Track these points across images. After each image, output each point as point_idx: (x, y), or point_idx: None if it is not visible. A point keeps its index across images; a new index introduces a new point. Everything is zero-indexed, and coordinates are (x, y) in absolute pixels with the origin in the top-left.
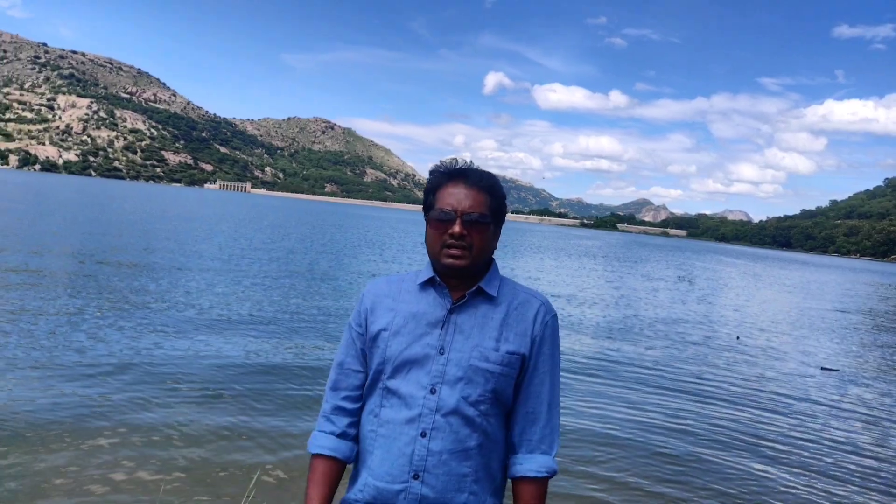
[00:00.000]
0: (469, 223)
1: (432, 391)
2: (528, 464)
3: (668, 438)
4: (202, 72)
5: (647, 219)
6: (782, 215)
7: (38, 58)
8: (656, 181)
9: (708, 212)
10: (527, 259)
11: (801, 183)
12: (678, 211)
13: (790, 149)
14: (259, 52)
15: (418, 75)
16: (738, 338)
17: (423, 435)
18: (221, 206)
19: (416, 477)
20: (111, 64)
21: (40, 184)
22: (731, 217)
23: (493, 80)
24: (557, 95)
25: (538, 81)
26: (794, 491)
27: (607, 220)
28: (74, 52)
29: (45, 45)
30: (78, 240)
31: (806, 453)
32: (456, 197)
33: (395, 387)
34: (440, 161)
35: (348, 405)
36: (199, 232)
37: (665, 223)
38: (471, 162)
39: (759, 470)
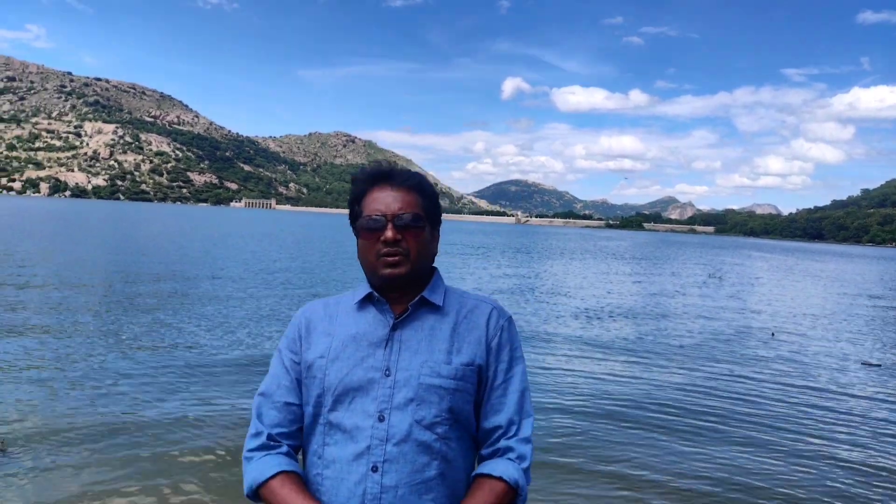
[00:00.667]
0: (402, 227)
1: (380, 419)
2: (492, 465)
3: (701, 437)
4: (223, 92)
5: (673, 217)
6: (812, 207)
7: (64, 86)
8: (681, 178)
9: (735, 207)
10: (553, 263)
11: (830, 173)
12: (705, 207)
13: (817, 139)
14: (277, 70)
15: (436, 85)
16: (772, 334)
17: (375, 469)
18: (251, 223)
19: None
20: (134, 89)
21: (72, 211)
22: (759, 211)
23: (510, 85)
24: (577, 97)
25: (556, 84)
26: (835, 486)
27: (633, 219)
28: (98, 80)
29: (69, 73)
30: (131, 265)
31: (845, 448)
32: (383, 201)
33: (338, 420)
34: (361, 168)
35: (283, 439)
36: (255, 251)
37: (692, 220)
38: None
39: (801, 467)
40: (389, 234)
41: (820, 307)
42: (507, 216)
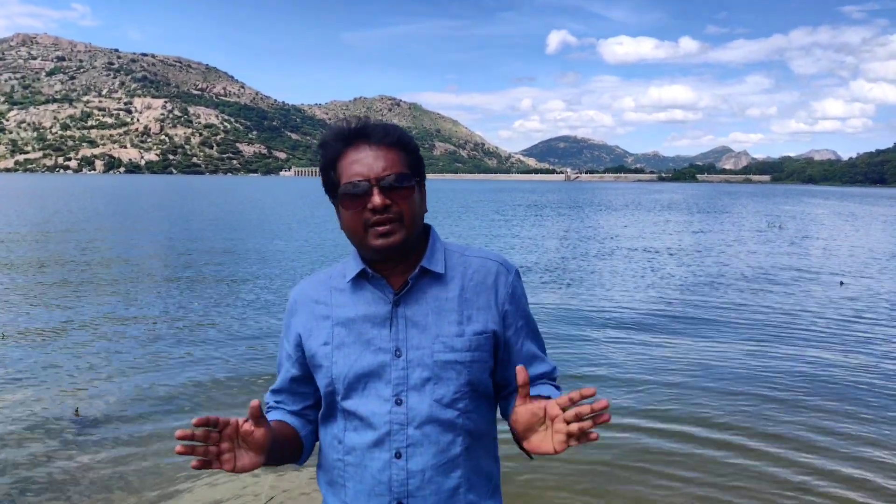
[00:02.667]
0: (389, 189)
1: (398, 402)
2: (537, 389)
3: (775, 386)
4: (268, 61)
5: (727, 167)
6: (874, 150)
7: (112, 64)
8: (735, 127)
9: (792, 154)
10: (607, 217)
11: (893, 114)
12: (760, 156)
13: (878, 79)
14: (321, 35)
15: (480, 41)
16: (841, 283)
17: (399, 456)
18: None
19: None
20: (180, 63)
21: (134, 187)
22: (817, 157)
23: (556, 38)
24: (624, 48)
25: (603, 35)
26: None
27: (685, 171)
28: (145, 55)
29: (116, 50)
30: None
31: None
32: (364, 162)
33: (353, 408)
34: (329, 127)
35: (300, 413)
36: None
37: (747, 170)
38: (366, 118)
39: (871, 418)
40: (377, 199)
41: (887, 252)
42: (557, 174)
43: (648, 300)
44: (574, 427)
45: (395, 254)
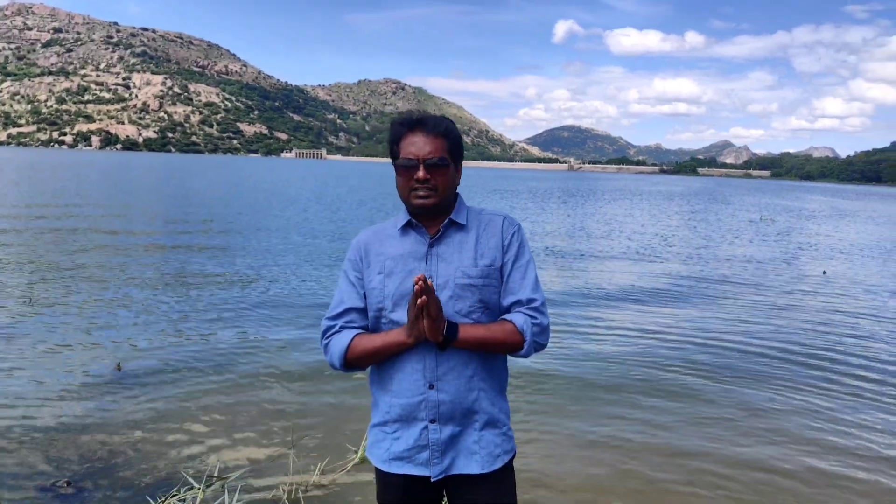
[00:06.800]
0: (431, 167)
1: None
2: (509, 315)
3: (750, 366)
4: (271, 40)
5: (728, 161)
6: (871, 149)
7: (111, 37)
8: (737, 122)
9: (792, 150)
10: (606, 206)
11: (890, 114)
12: (760, 151)
13: (877, 79)
14: (325, 15)
15: (487, 27)
16: (824, 272)
17: (431, 351)
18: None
19: (431, 387)
20: (181, 39)
21: (132, 164)
22: (816, 154)
23: (562, 27)
24: (630, 40)
25: (610, 26)
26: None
27: (687, 164)
28: (145, 30)
29: (116, 24)
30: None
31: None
32: (417, 145)
33: (398, 318)
34: (398, 114)
35: (353, 326)
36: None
37: (747, 164)
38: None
39: (850, 396)
40: (421, 173)
41: (872, 247)
42: (560, 163)
43: (637, 280)
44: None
45: (429, 212)
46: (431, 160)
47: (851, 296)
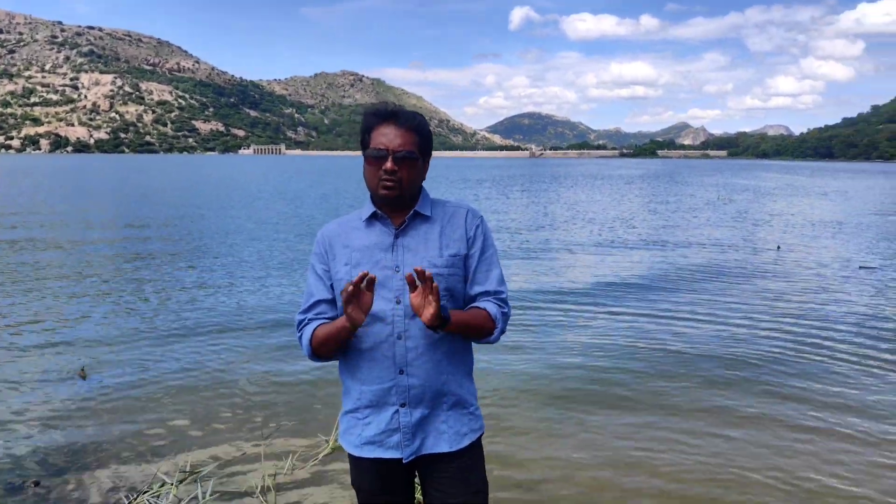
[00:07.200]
0: (399, 160)
1: (397, 301)
2: (479, 303)
3: (709, 345)
4: (224, 35)
5: (686, 142)
6: (823, 126)
7: (56, 37)
8: (694, 103)
9: (748, 129)
10: (566, 191)
11: (840, 91)
12: (717, 131)
13: (827, 56)
14: (278, 8)
15: (444, 17)
16: (778, 247)
17: (399, 337)
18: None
19: (401, 372)
20: (129, 36)
21: (89, 167)
22: (771, 132)
23: (519, 14)
24: (586, 24)
25: (566, 12)
26: (828, 382)
27: (647, 147)
28: (91, 28)
29: (60, 23)
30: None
31: (843, 345)
32: (388, 136)
33: None
34: (373, 104)
35: (324, 317)
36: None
37: (705, 145)
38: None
39: (798, 361)
40: (389, 164)
41: (823, 221)
42: (522, 150)
43: (598, 265)
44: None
45: (394, 203)
46: (401, 153)
47: (804, 271)
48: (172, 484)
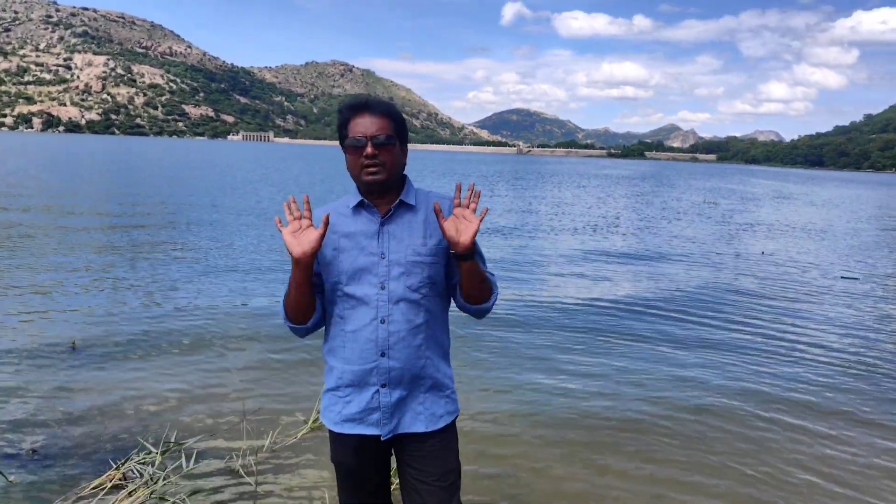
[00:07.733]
0: (378, 144)
1: (382, 287)
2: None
3: (691, 346)
4: (216, 21)
5: (675, 145)
6: (814, 133)
7: (50, 17)
8: (684, 106)
9: (738, 134)
10: (553, 190)
11: (833, 99)
12: (707, 135)
13: (820, 64)
14: None
15: (435, 9)
16: (762, 252)
17: (383, 321)
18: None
19: (382, 355)
20: (123, 19)
21: (74, 147)
22: (761, 138)
23: (511, 9)
24: (579, 23)
25: (558, 9)
26: (809, 388)
27: (634, 148)
28: (86, 9)
29: (55, 2)
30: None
31: (819, 351)
32: (364, 125)
33: (352, 291)
34: (346, 97)
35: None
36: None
37: (694, 148)
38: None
39: (778, 371)
40: (369, 149)
41: (810, 229)
42: (509, 146)
43: (582, 266)
44: (466, 204)
45: (379, 188)
46: (379, 138)
47: (784, 275)
48: (157, 452)
